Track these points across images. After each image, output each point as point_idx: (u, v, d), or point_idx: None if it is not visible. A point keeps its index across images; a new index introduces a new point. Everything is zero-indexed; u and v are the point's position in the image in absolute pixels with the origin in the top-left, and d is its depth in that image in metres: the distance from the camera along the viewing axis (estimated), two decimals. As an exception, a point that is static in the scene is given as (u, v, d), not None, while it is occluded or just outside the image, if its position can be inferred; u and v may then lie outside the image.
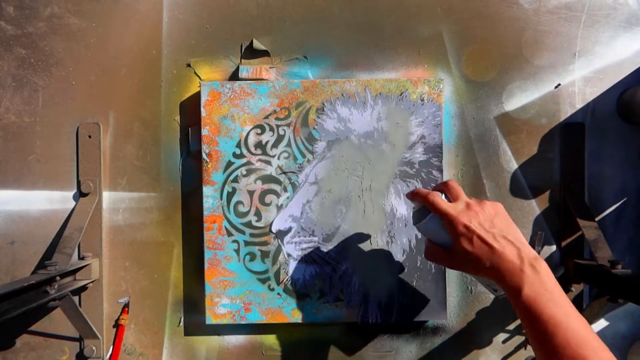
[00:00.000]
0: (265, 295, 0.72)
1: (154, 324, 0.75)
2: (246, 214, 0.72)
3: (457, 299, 0.75)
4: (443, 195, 0.55)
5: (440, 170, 0.71)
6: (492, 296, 0.75)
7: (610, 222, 0.75)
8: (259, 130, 0.72)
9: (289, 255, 0.72)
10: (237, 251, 0.72)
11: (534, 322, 0.46)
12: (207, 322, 0.71)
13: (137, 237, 0.75)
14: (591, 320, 0.69)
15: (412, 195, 0.58)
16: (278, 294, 0.72)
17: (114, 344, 0.74)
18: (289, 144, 0.72)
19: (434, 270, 0.72)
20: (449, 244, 0.54)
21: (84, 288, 0.73)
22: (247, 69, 0.73)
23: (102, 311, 0.74)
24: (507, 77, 0.75)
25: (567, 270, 0.74)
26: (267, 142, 0.72)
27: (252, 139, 0.72)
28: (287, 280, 0.72)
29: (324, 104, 0.72)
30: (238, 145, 0.72)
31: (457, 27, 0.75)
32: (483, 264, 0.50)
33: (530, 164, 0.75)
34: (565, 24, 0.75)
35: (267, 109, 0.72)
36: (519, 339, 0.75)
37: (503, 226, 0.51)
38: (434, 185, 0.71)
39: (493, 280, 0.51)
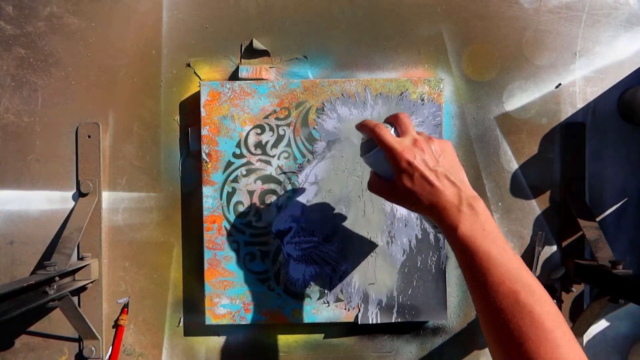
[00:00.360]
0: (265, 295, 0.71)
1: (153, 324, 0.75)
2: (246, 214, 0.72)
3: (457, 299, 0.75)
4: (392, 130, 0.54)
5: (441, 170, 0.71)
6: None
7: (611, 222, 0.75)
8: (258, 130, 0.72)
9: (289, 255, 0.71)
10: (237, 251, 0.71)
11: (470, 259, 0.45)
12: (207, 322, 0.71)
13: (137, 237, 0.75)
14: (592, 320, 0.68)
15: (360, 126, 0.56)
16: (278, 294, 0.71)
17: (113, 345, 0.74)
18: (289, 144, 0.72)
19: (434, 270, 0.72)
20: (392, 178, 0.53)
21: (83, 288, 0.73)
22: (247, 68, 0.73)
23: (102, 311, 0.74)
24: (507, 76, 0.75)
25: (567, 271, 0.74)
26: (267, 142, 0.72)
27: (252, 139, 0.72)
28: (287, 280, 0.71)
29: (324, 104, 0.72)
30: (238, 145, 0.72)
31: (457, 27, 0.75)
32: (422, 202, 0.49)
33: (530, 163, 0.75)
34: (565, 24, 0.75)
35: (267, 109, 0.72)
36: (519, 340, 0.75)
37: (448, 165, 0.50)
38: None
39: (431, 217, 0.50)
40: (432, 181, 0.49)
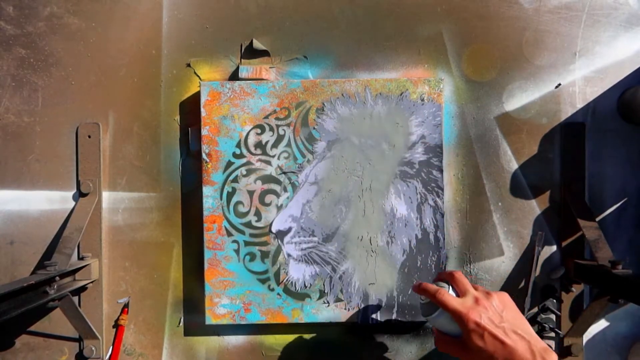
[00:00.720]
0: (265, 295, 0.71)
1: (153, 324, 0.75)
2: (246, 214, 0.72)
3: (457, 299, 0.75)
4: (450, 288, 0.57)
5: (440, 170, 0.71)
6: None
7: (610, 222, 0.75)
8: (258, 130, 0.72)
9: (289, 255, 0.71)
10: (237, 251, 0.71)
11: None
12: (207, 322, 0.71)
13: (137, 237, 0.75)
14: (591, 320, 0.68)
15: (419, 290, 0.59)
16: (278, 294, 0.71)
17: (113, 344, 0.74)
18: (289, 144, 0.72)
19: (434, 270, 0.72)
20: (459, 336, 0.55)
21: (83, 288, 0.73)
22: (247, 68, 0.73)
23: (102, 311, 0.74)
24: (507, 77, 0.75)
25: (567, 271, 0.74)
26: (267, 142, 0.72)
27: (252, 139, 0.72)
28: (287, 280, 0.71)
29: (324, 104, 0.72)
30: (238, 145, 0.72)
31: (457, 27, 0.75)
32: (496, 359, 0.51)
33: (530, 163, 0.75)
34: (565, 24, 0.75)
35: (267, 109, 0.72)
36: (519, 340, 0.75)
37: (512, 319, 0.53)
38: (438, 193, 0.71)
39: None
40: (502, 339, 0.51)
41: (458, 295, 0.56)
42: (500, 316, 0.53)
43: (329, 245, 0.71)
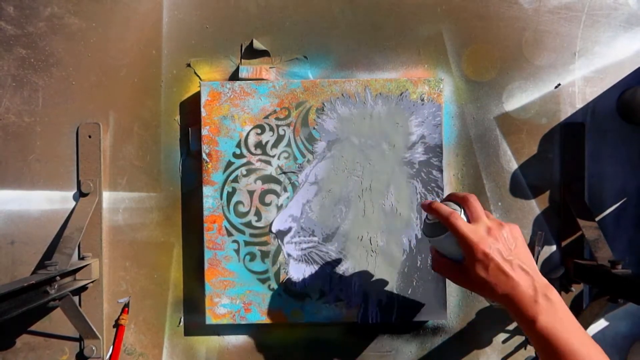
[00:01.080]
0: (265, 295, 0.72)
1: (153, 324, 0.75)
2: (246, 214, 0.72)
3: (457, 299, 0.75)
4: (462, 212, 0.54)
5: (440, 170, 0.71)
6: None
7: (610, 222, 0.75)
8: (259, 130, 0.72)
9: (289, 255, 0.71)
10: (237, 251, 0.72)
11: (550, 351, 0.46)
12: (207, 322, 0.71)
13: (137, 237, 0.75)
14: (591, 320, 0.68)
15: (430, 209, 0.55)
16: (278, 294, 0.72)
17: (114, 344, 0.74)
18: (289, 144, 0.72)
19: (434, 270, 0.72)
20: (459, 260, 0.53)
21: (84, 288, 0.73)
22: (247, 69, 0.73)
23: (102, 311, 0.74)
24: (507, 77, 0.75)
25: (567, 270, 0.74)
26: (267, 142, 0.72)
27: (252, 139, 0.72)
28: (287, 280, 0.72)
29: (324, 104, 0.72)
30: (238, 145, 0.72)
31: (457, 27, 0.75)
32: (496, 291, 0.50)
33: (530, 164, 0.75)
34: (565, 24, 0.75)
35: (267, 109, 0.72)
36: (519, 339, 0.75)
37: (520, 254, 0.51)
38: (438, 192, 0.71)
39: (504, 306, 0.50)
40: (508, 272, 0.49)
41: (469, 220, 0.53)
42: (509, 249, 0.50)
43: (329, 245, 0.71)
